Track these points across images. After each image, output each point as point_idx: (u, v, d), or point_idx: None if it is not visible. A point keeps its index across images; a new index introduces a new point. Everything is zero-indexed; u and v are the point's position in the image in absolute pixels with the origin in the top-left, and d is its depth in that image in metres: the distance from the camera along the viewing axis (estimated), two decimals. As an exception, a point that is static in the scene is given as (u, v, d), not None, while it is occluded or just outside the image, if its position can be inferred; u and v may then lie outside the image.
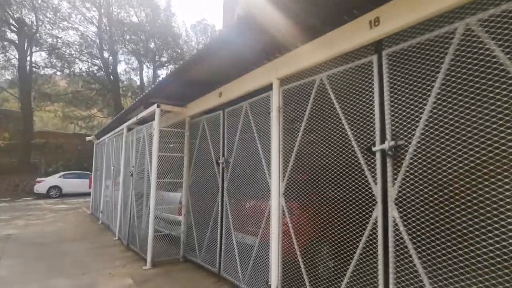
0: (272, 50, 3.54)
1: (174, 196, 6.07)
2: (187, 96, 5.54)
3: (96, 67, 27.22)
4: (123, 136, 7.32)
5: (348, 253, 2.79)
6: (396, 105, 2.40)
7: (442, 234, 2.18)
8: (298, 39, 3.23)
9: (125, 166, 7.09)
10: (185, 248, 5.49)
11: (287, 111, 3.49)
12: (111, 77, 26.92)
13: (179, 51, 30.42)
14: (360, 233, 2.63)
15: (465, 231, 2.08)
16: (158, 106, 5.36)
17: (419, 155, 2.23)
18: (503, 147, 1.88)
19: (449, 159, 2.14)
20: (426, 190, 2.28)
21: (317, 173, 3.19)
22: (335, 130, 2.92)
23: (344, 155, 2.83)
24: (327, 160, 3.03)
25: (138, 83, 31.09)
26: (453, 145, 2.11)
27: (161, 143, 5.38)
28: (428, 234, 2.16)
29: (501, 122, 1.89)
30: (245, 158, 4.15)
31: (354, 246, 2.69)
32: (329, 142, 2.99)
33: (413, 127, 2.26)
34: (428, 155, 2.20)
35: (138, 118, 6.20)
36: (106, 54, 27.41)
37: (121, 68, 35.22)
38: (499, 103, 1.89)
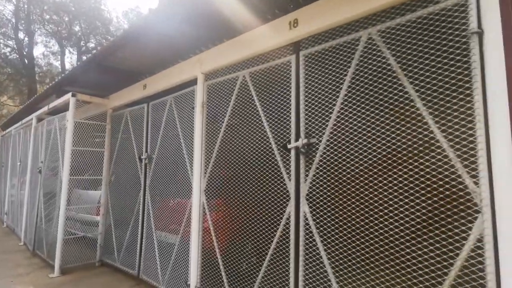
0: (197, 43, 3.44)
1: (93, 195, 5.53)
2: (109, 86, 5.09)
3: (8, 49, 23.51)
4: (31, 127, 6.43)
5: (267, 248, 2.85)
6: (310, 104, 2.51)
7: (345, 226, 2.35)
8: (223, 34, 3.18)
9: (33, 162, 6.25)
10: (102, 251, 5.05)
11: (211, 106, 3.42)
12: (26, 60, 23.50)
13: (109, 38, 27.83)
14: (277, 228, 2.70)
15: (362, 223, 2.28)
16: (73, 96, 4.82)
17: (328, 153, 2.37)
18: (394, 146, 2.09)
19: (352, 157, 2.32)
20: (332, 186, 2.44)
21: (237, 169, 3.19)
22: (255, 127, 2.95)
23: (263, 152, 2.87)
24: (247, 157, 3.05)
25: (60, 69, 27.71)
26: (356, 143, 2.29)
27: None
28: (333, 228, 2.31)
29: (392, 124, 2.11)
30: (168, 154, 3.98)
31: (272, 241, 2.76)
32: (250, 139, 3.01)
33: (324, 126, 2.39)
34: (336, 153, 2.35)
35: (50, 108, 5.51)
36: (21, 35, 23.86)
37: (38, 51, 31.21)
38: (391, 106, 2.10)
